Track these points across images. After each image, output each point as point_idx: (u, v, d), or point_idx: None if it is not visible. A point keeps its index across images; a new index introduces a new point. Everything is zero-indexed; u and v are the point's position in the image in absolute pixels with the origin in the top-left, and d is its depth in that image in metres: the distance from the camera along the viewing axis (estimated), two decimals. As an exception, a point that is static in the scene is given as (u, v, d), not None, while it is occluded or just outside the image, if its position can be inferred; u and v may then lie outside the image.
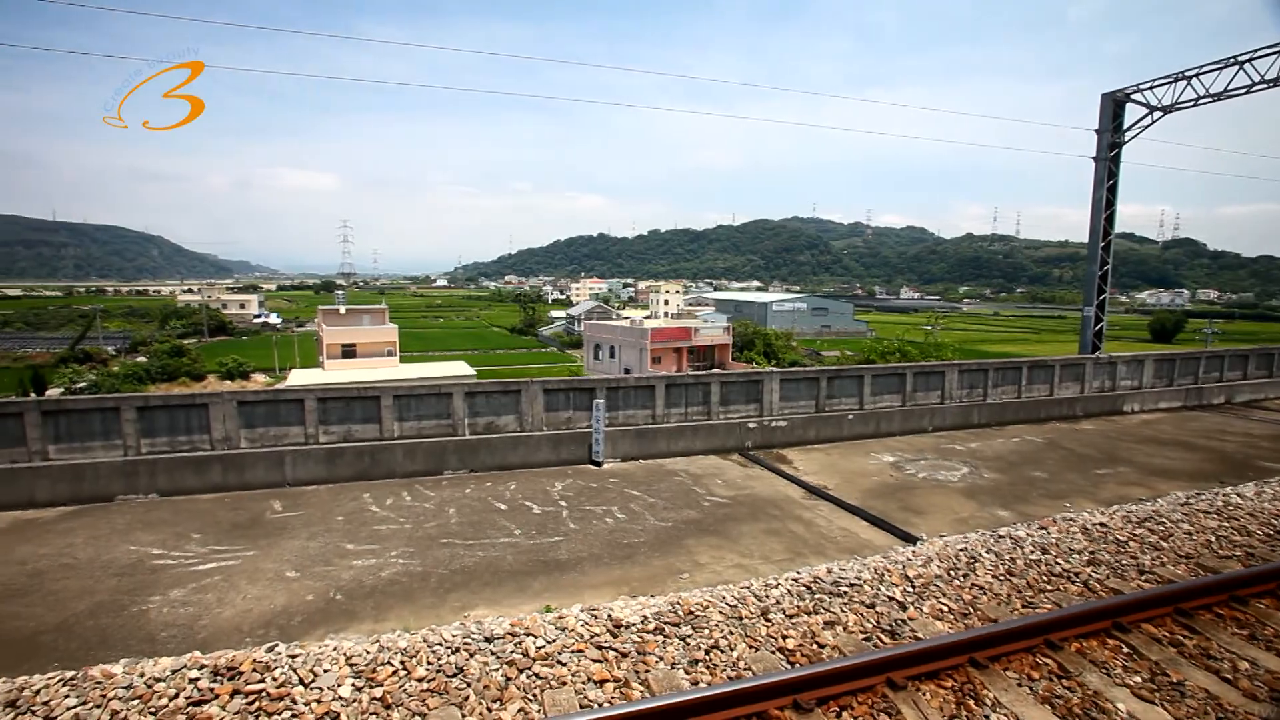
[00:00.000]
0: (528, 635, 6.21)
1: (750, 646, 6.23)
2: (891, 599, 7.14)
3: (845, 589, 7.34)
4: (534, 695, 5.46)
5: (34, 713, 5.07)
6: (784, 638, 6.37)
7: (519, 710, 5.25)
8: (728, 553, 9.52)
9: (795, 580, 7.60)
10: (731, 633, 6.46)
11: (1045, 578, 7.73)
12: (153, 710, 5.13)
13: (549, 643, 6.12)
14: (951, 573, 7.77)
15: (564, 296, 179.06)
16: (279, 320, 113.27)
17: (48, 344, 76.25)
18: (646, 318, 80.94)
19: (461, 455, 13.20)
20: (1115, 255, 22.96)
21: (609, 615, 6.64)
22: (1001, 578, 7.69)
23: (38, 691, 5.31)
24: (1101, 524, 9.40)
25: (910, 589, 7.37)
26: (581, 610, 6.78)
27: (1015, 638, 6.13)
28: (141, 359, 61.56)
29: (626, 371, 49.27)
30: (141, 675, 5.52)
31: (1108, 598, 7.07)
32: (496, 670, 5.72)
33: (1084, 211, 22.70)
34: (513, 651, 5.97)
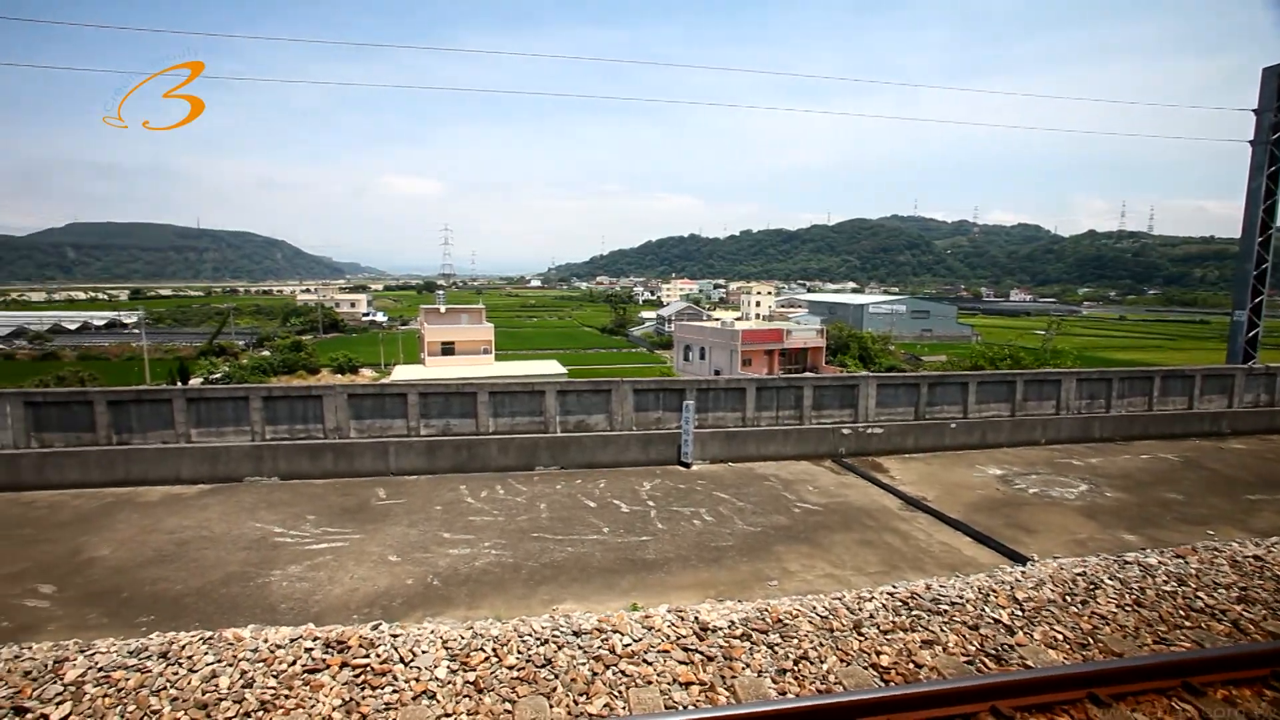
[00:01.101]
0: (615, 632, 6.25)
1: (841, 660, 6.00)
2: (997, 622, 6.66)
3: (945, 607, 6.92)
4: (619, 692, 5.49)
5: (180, 665, 5.66)
6: (878, 654, 6.09)
7: (605, 705, 5.30)
8: (818, 561, 9.23)
9: (891, 594, 7.25)
10: (821, 644, 6.24)
11: (1183, 612, 6.96)
12: (274, 673, 5.57)
13: (635, 641, 6.14)
14: (1067, 598, 7.15)
15: (654, 297, 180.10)
16: (385, 318, 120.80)
17: (190, 338, 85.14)
18: (737, 319, 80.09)
19: (553, 452, 13.54)
20: (1276, 251, 20.34)
21: (695, 618, 6.58)
22: (1128, 608, 6.99)
23: (183, 647, 5.91)
24: (1256, 557, 8.35)
25: (1019, 612, 6.84)
26: (668, 611, 6.76)
27: (1145, 676, 5.55)
28: (266, 353, 67.51)
29: (716, 373, 48.92)
30: (265, 641, 6.01)
31: (1265, 641, 6.27)
32: (584, 664, 5.80)
33: (1234, 204, 20.28)
34: (600, 647, 6.03)
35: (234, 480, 12.43)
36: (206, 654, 5.81)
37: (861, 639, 6.34)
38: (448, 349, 52.16)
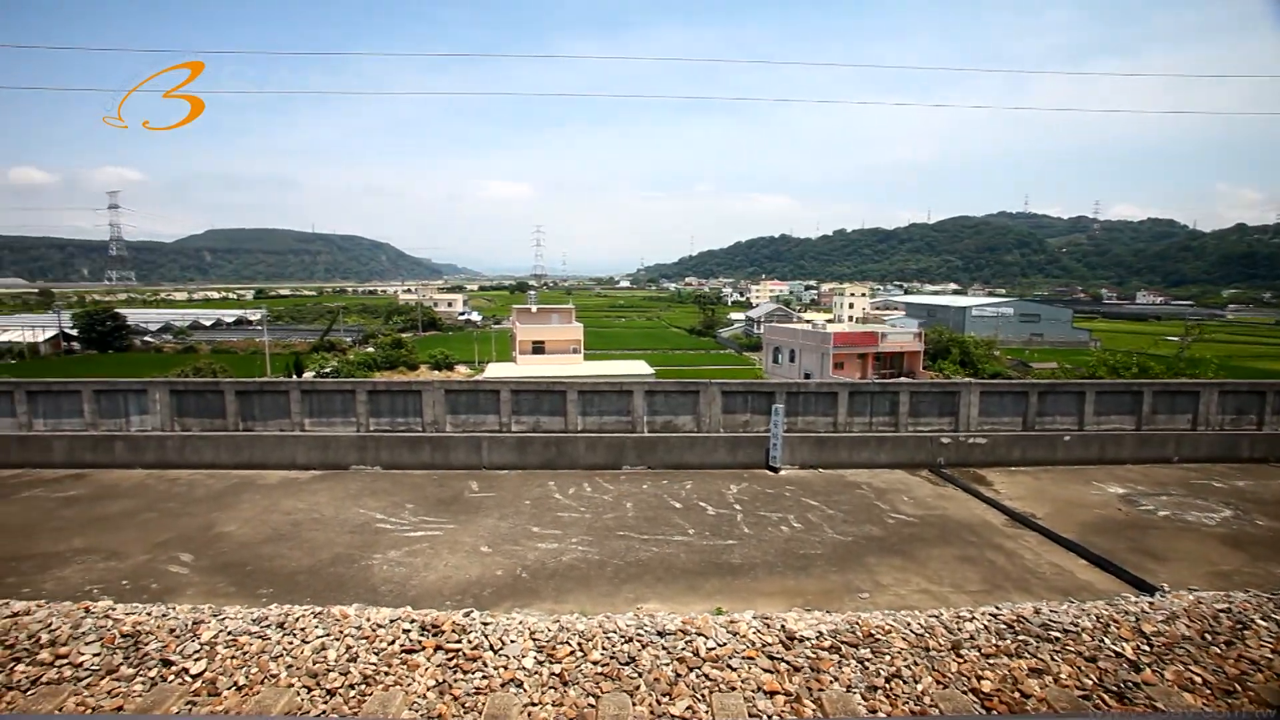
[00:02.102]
0: (699, 635, 6.20)
1: (938, 682, 5.67)
2: (1119, 655, 6.08)
3: (1057, 634, 6.40)
4: (703, 695, 5.43)
5: (294, 635, 6.13)
6: (978, 678, 5.71)
7: (687, 708, 5.25)
8: (913, 576, 8.78)
9: (994, 616, 6.79)
10: (916, 663, 5.92)
11: (1351, 660, 6.09)
12: (375, 650, 5.91)
13: (719, 645, 6.06)
14: (1207, 636, 6.43)
15: (743, 298, 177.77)
16: (479, 317, 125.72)
17: (305, 334, 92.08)
18: (829, 321, 77.76)
19: (639, 451, 13.62)
20: None
21: (782, 626, 6.42)
22: (1282, 651, 6.19)
23: (297, 619, 6.39)
24: None
25: (1145, 647, 6.22)
26: (754, 617, 6.63)
27: (1301, 728, 4.89)
28: (370, 349, 71.85)
29: (807, 376, 47.69)
30: (368, 620, 6.39)
31: None
32: (667, 665, 5.78)
33: None
34: (683, 649, 6.00)
35: (341, 468, 13.31)
36: (317, 627, 6.24)
37: (960, 661, 5.97)
38: (538, 348, 53.58)
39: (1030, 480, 13.11)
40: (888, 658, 5.98)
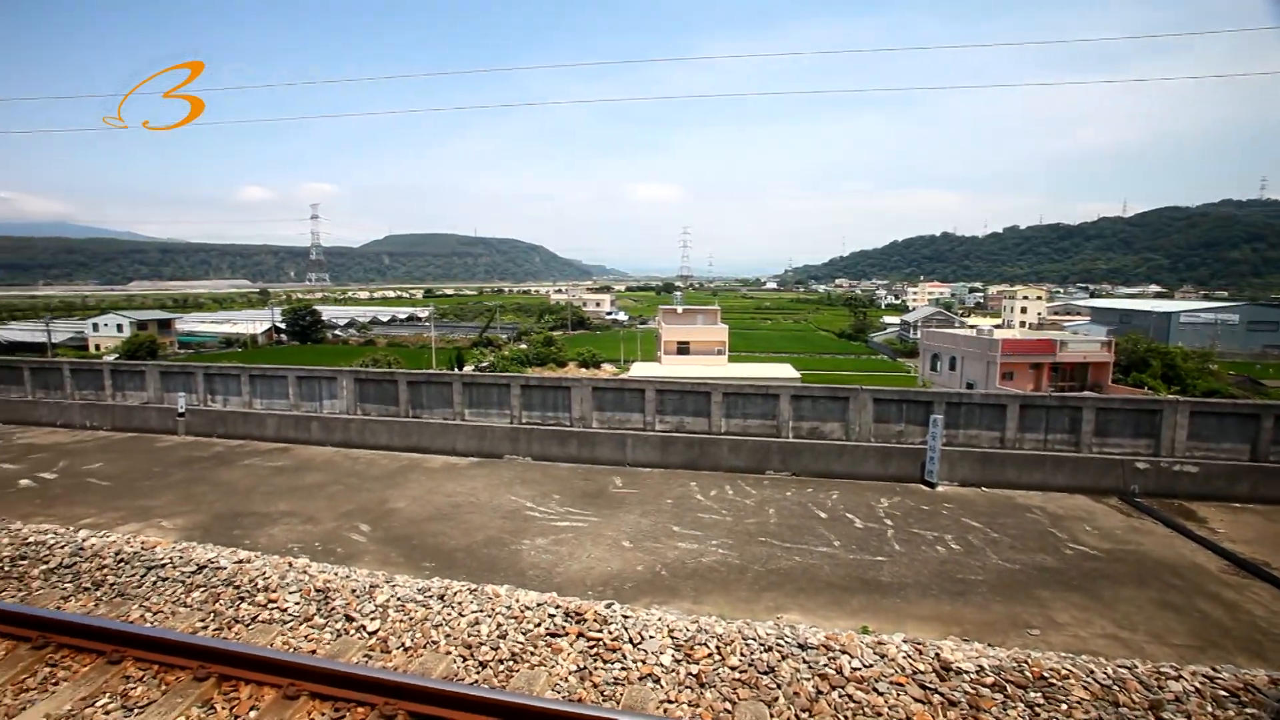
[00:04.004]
0: (843, 652, 5.87)
1: (1130, 744, 4.91)
2: (1389, 744, 4.90)
3: (1299, 709, 5.28)
4: (845, 717, 5.13)
5: (452, 608, 6.63)
6: (1186, 748, 4.86)
7: (828, 729, 4.99)
8: (1096, 617, 7.72)
9: (1209, 679, 5.74)
10: (1102, 718, 5.17)
11: None
12: (522, 631, 6.23)
13: (865, 666, 5.69)
14: None
15: (899, 301, 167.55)
16: (625, 317, 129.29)
17: (465, 331, 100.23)
18: (997, 327, 71.06)
19: (784, 457, 13.25)
20: None
21: (936, 654, 5.90)
22: None
23: (455, 593, 6.92)
24: None
25: None
26: (904, 641, 6.16)
27: None
28: (523, 346, 76.43)
29: (969, 386, 43.86)
30: (517, 601, 6.76)
31: None
32: (808, 680, 5.53)
33: None
34: (825, 665, 5.70)
35: (495, 456, 14.26)
36: (471, 603, 6.71)
37: (1161, 724, 5.12)
38: (683, 348, 54.04)
39: (1261, 521, 11.05)
40: (1064, 706, 5.28)
